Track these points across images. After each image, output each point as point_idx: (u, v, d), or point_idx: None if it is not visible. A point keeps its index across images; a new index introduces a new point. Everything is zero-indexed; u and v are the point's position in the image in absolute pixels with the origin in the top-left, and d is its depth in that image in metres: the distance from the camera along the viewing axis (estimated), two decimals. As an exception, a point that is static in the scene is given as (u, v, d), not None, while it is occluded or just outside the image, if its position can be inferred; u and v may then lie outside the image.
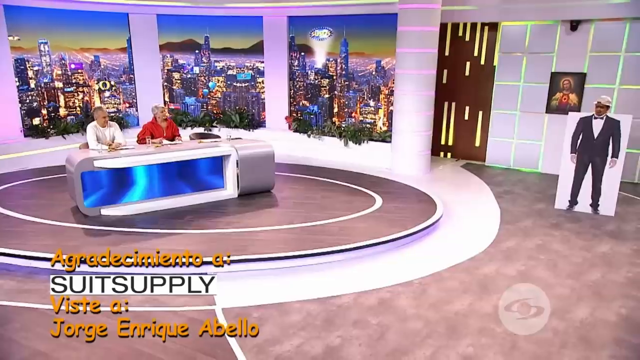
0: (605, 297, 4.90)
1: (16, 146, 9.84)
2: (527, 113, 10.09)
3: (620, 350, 4.02)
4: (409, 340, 4.14)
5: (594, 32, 9.33)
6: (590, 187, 7.45)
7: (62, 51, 10.75)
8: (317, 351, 3.98)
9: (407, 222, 6.50)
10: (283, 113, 11.93)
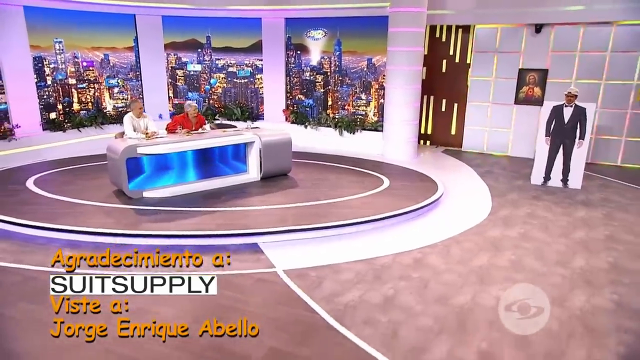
0: (593, 251, 5.63)
1: (36, 139, 9.74)
2: (498, 104, 10.75)
3: (615, 287, 4.71)
4: (449, 288, 4.69)
5: (554, 34, 10.02)
6: (561, 165, 8.20)
7: (75, 50, 10.59)
8: (377, 300, 4.45)
9: (417, 197, 7.03)
10: (280, 106, 12.09)
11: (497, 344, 3.77)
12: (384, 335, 3.87)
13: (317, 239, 5.86)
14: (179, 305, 4.27)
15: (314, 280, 4.81)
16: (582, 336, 3.87)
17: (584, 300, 4.47)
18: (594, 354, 3.65)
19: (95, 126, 10.81)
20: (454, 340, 3.81)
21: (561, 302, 4.44)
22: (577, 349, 3.71)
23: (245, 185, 7.77)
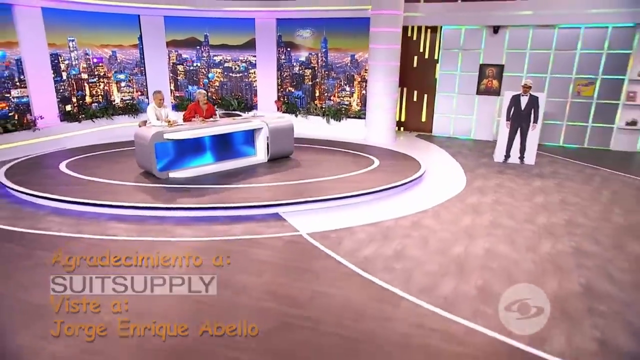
0: (553, 211, 6.36)
1: (56, 129, 9.73)
2: (463, 95, 11.38)
3: (571, 237, 5.43)
4: (445, 242, 5.29)
5: (509, 34, 10.67)
6: (519, 145, 8.94)
7: (86, 47, 10.54)
8: (390, 253, 5.00)
9: (406, 172, 7.58)
10: (272, 98, 12.28)
11: (489, 281, 4.40)
12: (401, 278, 4.43)
13: (329, 208, 6.32)
14: (234, 262, 4.71)
15: (334, 240, 5.32)
16: (552, 273, 4.55)
17: (549, 246, 5.17)
18: (563, 280, 4.33)
19: (107, 117, 10.85)
20: (456, 280, 4.41)
21: (533, 248, 5.13)
22: (549, 275, 4.38)
23: (255, 166, 8.11)
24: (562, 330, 3.63)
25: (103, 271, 4.55)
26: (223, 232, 5.54)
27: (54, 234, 5.40)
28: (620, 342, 3.51)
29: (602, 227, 5.81)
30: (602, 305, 4.00)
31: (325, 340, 3.50)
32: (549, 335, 3.56)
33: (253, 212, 6.10)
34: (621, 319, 3.81)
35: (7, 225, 5.62)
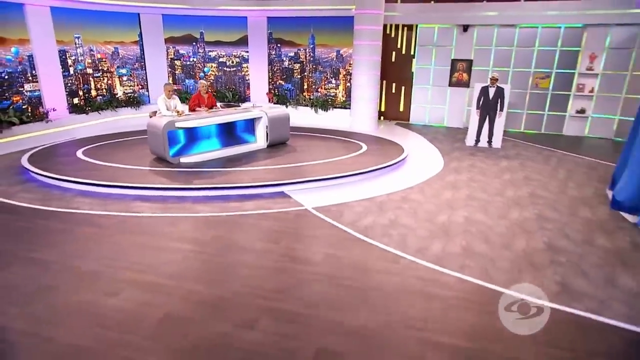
0: (518, 186, 6.96)
1: (65, 121, 9.80)
2: (437, 87, 11.89)
3: (534, 206, 6.05)
4: (431, 213, 5.82)
5: (477, 33, 11.22)
6: (487, 131, 9.56)
7: (91, 44, 10.54)
8: (385, 222, 5.49)
9: (392, 155, 8.08)
10: (264, 90, 12.52)
11: (470, 242, 4.95)
12: (398, 242, 4.93)
13: (328, 187, 6.75)
14: (246, 231, 5.13)
15: (336, 213, 5.77)
16: (521, 235, 5.14)
17: (517, 214, 5.77)
18: (529, 240, 4.93)
19: (111, 109, 10.93)
20: (444, 242, 4.94)
21: (504, 216, 5.71)
22: (518, 237, 4.97)
23: (256, 151, 8.44)
24: (531, 277, 4.20)
25: (138, 241, 4.93)
26: (236, 208, 5.92)
27: (86, 212, 5.68)
28: (575, 285, 4.10)
29: (559, 198, 6.46)
30: (561, 258, 4.61)
31: (341, 291, 3.97)
32: (520, 280, 4.14)
33: (261, 191, 6.48)
34: (576, 267, 4.42)
35: (42, 205, 5.86)
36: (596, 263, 4.52)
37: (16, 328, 3.41)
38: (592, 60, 10.45)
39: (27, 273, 4.19)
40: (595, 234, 5.23)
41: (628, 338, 3.39)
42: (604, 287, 4.06)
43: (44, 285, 3.99)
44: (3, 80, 8.54)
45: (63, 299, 3.80)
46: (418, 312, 3.66)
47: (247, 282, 4.11)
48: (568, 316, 3.63)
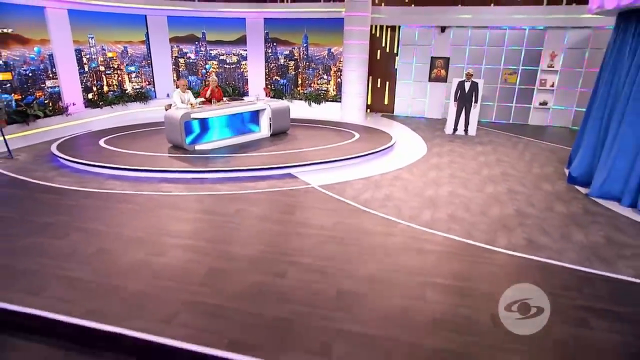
0: (491, 166, 7.63)
1: (82, 114, 10.04)
2: (418, 82, 12.45)
3: (505, 183, 6.73)
4: (420, 188, 6.43)
5: (453, 33, 11.81)
6: (463, 120, 10.22)
7: (103, 43, 10.75)
8: (382, 196, 6.07)
9: (382, 142, 8.66)
10: (261, 85, 12.92)
11: (454, 210, 5.59)
12: (394, 211, 5.53)
13: (329, 169, 7.28)
14: (264, 205, 5.66)
15: (339, 190, 6.32)
16: (495, 204, 5.81)
17: (492, 189, 6.43)
18: (502, 208, 5.59)
19: (122, 104, 11.20)
20: (432, 211, 5.56)
21: (481, 190, 6.37)
22: (493, 206, 5.63)
23: (261, 140, 8.90)
24: (504, 235, 4.86)
25: (172, 214, 5.41)
26: (252, 187, 6.42)
27: (120, 192, 6.10)
28: (538, 240, 4.78)
29: (525, 175, 7.16)
30: (528, 221, 5.28)
31: (350, 249, 4.54)
32: (496, 238, 4.79)
33: (271, 172, 6.98)
34: (539, 227, 5.10)
35: (79, 187, 6.25)
36: (555, 224, 5.21)
37: (87, 279, 3.89)
38: (552, 58, 11.21)
39: (83, 240, 4.64)
40: (555, 202, 5.94)
41: (578, 275, 4.07)
42: (561, 241, 4.75)
43: (100, 249, 4.45)
44: (27, 77, 8.78)
45: (119, 259, 4.27)
46: (415, 262, 4.27)
47: (272, 243, 4.66)
48: (533, 262, 4.30)
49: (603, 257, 4.41)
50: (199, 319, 3.38)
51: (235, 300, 3.62)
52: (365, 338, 3.17)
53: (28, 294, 3.67)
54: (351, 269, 4.13)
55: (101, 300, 3.60)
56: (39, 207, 5.55)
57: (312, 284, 3.87)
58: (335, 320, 3.37)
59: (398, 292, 3.76)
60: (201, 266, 4.16)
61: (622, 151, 5.68)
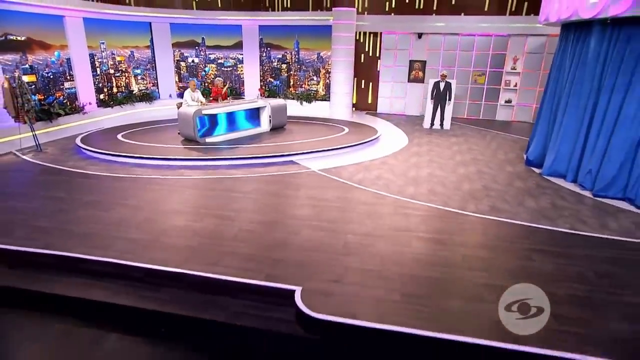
0: (463, 154, 8.68)
1: (95, 113, 10.66)
2: (398, 82, 13.45)
3: (476, 166, 7.79)
4: (404, 170, 7.41)
5: (429, 39, 12.85)
6: (439, 116, 11.28)
7: (112, 48, 11.35)
8: (372, 177, 7.01)
9: (369, 134, 9.62)
10: (256, 86, 13.68)
11: (433, 187, 6.58)
12: (383, 187, 6.48)
13: (326, 156, 8.16)
14: (275, 184, 6.55)
15: (335, 172, 7.24)
16: (466, 182, 6.84)
17: (464, 170, 7.47)
18: (471, 184, 6.62)
19: (130, 104, 11.84)
20: (415, 187, 6.54)
21: (454, 171, 7.41)
22: (464, 183, 6.66)
23: (262, 134, 9.74)
24: (473, 204, 5.87)
25: (199, 193, 6.24)
26: (262, 171, 7.28)
27: (147, 176, 6.86)
28: (500, 206, 5.81)
29: (492, 160, 8.24)
30: (492, 193, 6.32)
31: (350, 214, 5.47)
32: (466, 205, 5.80)
33: (276, 160, 7.85)
34: (501, 198, 6.14)
35: (110, 173, 6.99)
36: (513, 195, 6.26)
37: (142, 239, 4.70)
38: (515, 62, 12.41)
39: (128, 212, 5.43)
40: (514, 180, 7.01)
41: (527, 229, 5.11)
42: (517, 207, 5.79)
43: (145, 218, 5.25)
44: (49, 79, 9.39)
45: (164, 224, 5.09)
46: (403, 223, 5.23)
47: (287, 212, 5.55)
48: (495, 221, 5.32)
49: (547, 216, 5.47)
50: (238, 262, 4.25)
51: (263, 250, 4.50)
52: (368, 272, 4.11)
53: (97, 249, 4.47)
54: (352, 228, 5.06)
55: (158, 252, 4.43)
56: (81, 188, 6.30)
57: (322, 238, 4.78)
58: (343, 261, 4.29)
59: (390, 242, 4.71)
60: (232, 228, 5.02)
61: (565, 138, 6.80)
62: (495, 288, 3.81)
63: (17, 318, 4.02)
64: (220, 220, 5.25)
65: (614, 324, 3.40)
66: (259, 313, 3.75)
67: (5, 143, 8.13)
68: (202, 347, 3.66)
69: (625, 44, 5.63)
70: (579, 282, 3.98)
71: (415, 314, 3.46)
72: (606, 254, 4.52)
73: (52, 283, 4.19)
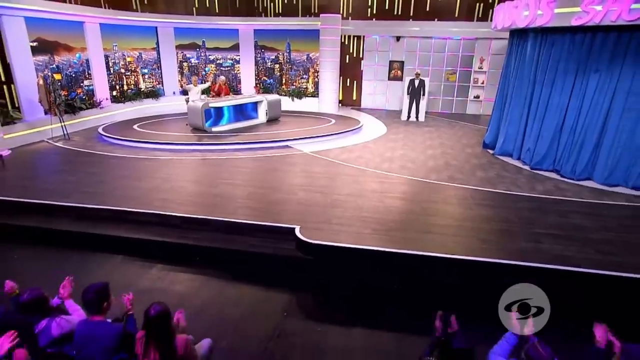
0: (433, 139, 10.06)
1: (110, 108, 11.73)
2: (379, 80, 14.71)
3: (443, 149, 9.18)
4: (382, 152, 8.75)
5: (406, 42, 14.17)
6: (415, 110, 12.64)
7: (124, 50, 12.42)
8: (355, 157, 8.32)
9: (352, 124, 10.94)
10: (252, 84, 14.79)
11: (405, 164, 7.93)
12: (364, 164, 7.78)
13: (316, 142, 9.40)
14: (274, 162, 7.83)
15: (324, 154, 8.52)
16: (430, 160, 8.21)
17: (431, 152, 8.84)
18: (436, 162, 7.98)
19: (138, 100, 12.93)
20: (389, 164, 7.86)
21: (424, 153, 8.77)
22: (430, 160, 8.02)
23: (260, 124, 10.95)
24: (435, 175, 7.23)
25: (214, 169, 7.47)
26: (261, 154, 8.51)
27: (169, 158, 8.05)
28: (456, 176, 7.18)
29: (455, 144, 9.61)
30: (451, 168, 7.68)
31: (336, 182, 6.76)
32: (430, 176, 7.15)
33: (273, 144, 9.10)
34: (459, 170, 7.51)
35: (135, 155, 8.17)
36: (468, 169, 7.65)
37: (175, 199, 5.92)
38: (481, 62, 13.85)
39: (158, 182, 6.64)
40: (471, 158, 8.41)
41: (474, 191, 6.48)
42: (469, 177, 7.17)
43: (171, 186, 6.47)
44: (72, 78, 10.49)
45: (190, 190, 6.34)
46: (378, 187, 6.55)
47: (285, 180, 6.84)
48: (450, 186, 6.68)
49: (491, 182, 6.87)
50: (251, 212, 5.52)
51: (269, 205, 5.79)
52: (349, 217, 5.41)
53: (141, 204, 5.69)
54: (338, 190, 6.37)
55: (191, 207, 5.67)
56: (113, 166, 7.49)
57: (314, 197, 6.07)
58: (331, 211, 5.59)
59: (367, 200, 6.03)
60: (243, 191, 6.29)
61: (511, 123, 8.22)
62: (442, 226, 5.16)
63: (85, 255, 5.23)
64: (232, 186, 6.50)
65: (522, 243, 4.78)
66: (269, 244, 5.04)
67: (38, 133, 9.23)
68: (228, 269, 4.93)
69: (551, 47, 7.06)
70: (504, 222, 5.35)
71: (381, 240, 4.77)
72: (528, 205, 5.92)
73: (110, 229, 5.41)
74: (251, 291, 4.59)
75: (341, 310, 4.29)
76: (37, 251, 5.34)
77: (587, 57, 6.59)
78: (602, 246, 4.67)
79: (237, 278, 4.79)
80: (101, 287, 2.67)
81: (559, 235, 4.94)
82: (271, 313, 4.20)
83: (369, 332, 3.95)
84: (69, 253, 5.26)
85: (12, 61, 8.80)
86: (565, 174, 7.10)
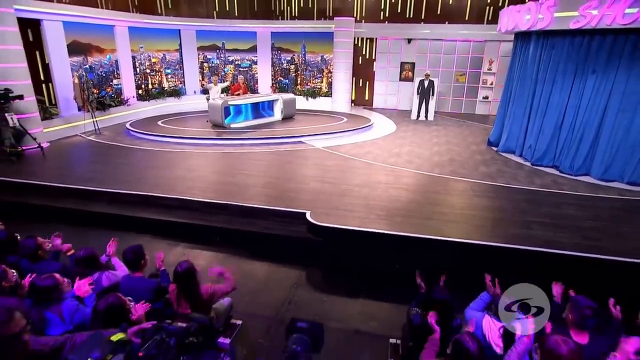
0: (441, 137, 10.38)
1: (136, 105, 12.37)
2: (391, 81, 15.06)
3: (448, 145, 9.50)
4: (390, 148, 9.12)
5: (417, 44, 14.48)
6: (424, 109, 12.94)
7: (149, 51, 13.08)
8: (364, 152, 8.71)
9: (363, 122, 11.34)
10: (268, 84, 15.27)
11: (412, 158, 8.28)
12: (372, 159, 8.17)
13: (328, 138, 9.84)
14: (289, 156, 8.29)
15: (335, 149, 8.93)
16: (437, 155, 8.54)
17: (437, 149, 9.16)
18: (441, 157, 8.31)
19: (162, 98, 13.57)
20: (397, 159, 8.23)
21: (430, 149, 9.11)
22: (436, 156, 8.36)
23: (275, 122, 11.44)
24: (439, 169, 7.58)
25: (232, 161, 7.96)
26: (277, 148, 8.99)
27: (192, 150, 8.60)
28: (458, 171, 7.50)
29: (462, 142, 9.91)
30: (456, 163, 8.01)
31: (347, 174, 7.17)
32: (433, 170, 7.50)
33: (288, 140, 9.54)
34: (462, 165, 7.83)
35: (160, 148, 8.74)
36: (471, 164, 7.96)
37: (199, 186, 6.43)
38: (490, 63, 14.06)
39: (183, 172, 7.17)
40: (475, 155, 8.71)
41: (475, 184, 6.81)
42: (472, 171, 7.49)
43: (195, 175, 6.98)
44: (102, 77, 11.17)
45: (212, 179, 6.84)
46: (385, 179, 6.94)
47: (298, 172, 7.28)
48: (453, 180, 7.02)
49: (492, 177, 7.18)
50: (266, 199, 5.98)
51: (283, 192, 6.24)
52: (356, 204, 5.81)
53: (166, 190, 6.21)
54: (347, 181, 6.78)
55: (213, 193, 6.17)
56: (141, 157, 8.07)
57: (324, 187, 6.50)
58: (339, 199, 6.00)
59: (374, 189, 6.42)
60: (259, 180, 6.76)
61: (514, 121, 8.49)
62: (442, 213, 5.53)
63: (117, 234, 5.76)
64: (249, 177, 6.98)
65: (516, 230, 5.10)
66: (283, 227, 5.49)
67: (72, 128, 9.90)
68: (245, 248, 5.40)
69: (551, 49, 7.32)
70: (500, 211, 5.69)
71: (384, 224, 5.17)
72: (525, 197, 6.22)
73: (139, 211, 5.95)
74: (265, 267, 5.05)
75: (346, 285, 4.71)
76: (75, 230, 5.91)
77: (585, 58, 6.85)
78: (590, 233, 4.97)
79: (253, 256, 5.26)
80: (137, 247, 3.17)
81: (550, 223, 5.25)
82: (283, 285, 4.65)
83: (369, 302, 4.37)
84: (103, 232, 5.80)
85: (51, 62, 9.48)
86: (564, 170, 7.35)
